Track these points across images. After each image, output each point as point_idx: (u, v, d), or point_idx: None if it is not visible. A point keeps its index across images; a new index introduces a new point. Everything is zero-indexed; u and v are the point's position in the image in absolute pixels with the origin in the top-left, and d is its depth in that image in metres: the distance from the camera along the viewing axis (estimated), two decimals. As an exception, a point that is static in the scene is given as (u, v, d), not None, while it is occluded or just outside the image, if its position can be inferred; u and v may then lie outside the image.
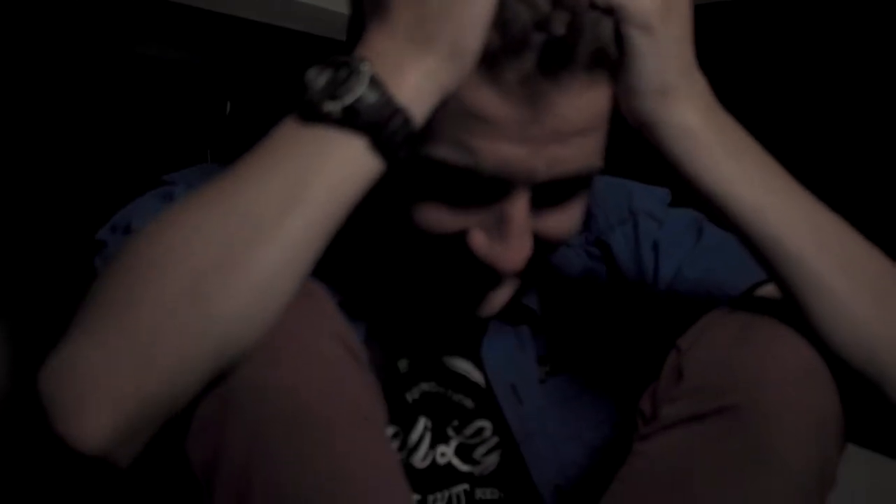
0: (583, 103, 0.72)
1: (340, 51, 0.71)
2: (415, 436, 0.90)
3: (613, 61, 0.72)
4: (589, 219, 0.95)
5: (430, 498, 0.90)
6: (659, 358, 0.81)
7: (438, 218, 0.77)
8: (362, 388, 0.71)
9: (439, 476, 0.90)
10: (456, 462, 0.91)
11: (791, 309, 0.75)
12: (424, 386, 0.91)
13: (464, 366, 0.92)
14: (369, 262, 0.87)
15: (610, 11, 0.70)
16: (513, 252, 0.76)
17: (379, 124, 0.66)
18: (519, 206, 0.75)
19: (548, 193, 0.76)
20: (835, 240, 0.74)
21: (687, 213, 0.95)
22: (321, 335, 0.70)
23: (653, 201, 0.97)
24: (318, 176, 0.66)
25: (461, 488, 0.91)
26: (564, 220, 0.80)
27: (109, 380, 0.63)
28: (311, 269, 0.67)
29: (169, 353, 0.63)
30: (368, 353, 0.81)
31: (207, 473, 0.68)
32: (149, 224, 0.68)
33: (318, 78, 0.67)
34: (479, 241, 0.77)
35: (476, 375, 0.92)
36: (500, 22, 0.68)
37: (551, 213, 0.78)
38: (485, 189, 0.75)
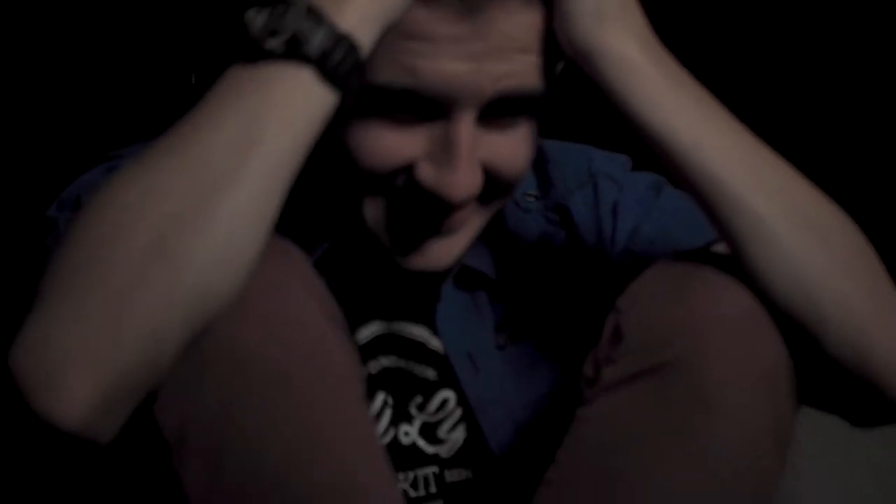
0: (522, 20, 0.72)
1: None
2: (372, 411, 0.87)
3: None
4: (547, 185, 0.94)
5: None
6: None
7: (383, 149, 0.75)
8: (340, 350, 0.70)
9: (402, 456, 0.88)
10: (421, 443, 0.89)
11: (731, 257, 0.73)
12: (384, 360, 0.89)
13: (421, 332, 0.90)
14: (320, 219, 0.86)
15: None
16: (461, 177, 0.74)
17: (323, 54, 0.66)
18: (464, 127, 0.74)
19: (493, 114, 0.75)
20: (775, 179, 0.73)
21: (647, 176, 0.94)
22: (297, 295, 0.68)
23: (613, 165, 0.95)
24: (270, 114, 0.65)
25: (429, 471, 0.89)
26: (513, 148, 0.78)
27: (84, 350, 0.61)
28: (278, 213, 0.66)
29: (141, 314, 0.62)
30: None
31: (178, 438, 0.66)
32: (101, 186, 0.66)
33: (257, 17, 0.67)
34: (426, 170, 0.76)
35: (434, 343, 0.90)
36: None
37: (498, 138, 0.77)
38: (428, 111, 0.74)
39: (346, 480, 0.66)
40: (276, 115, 0.65)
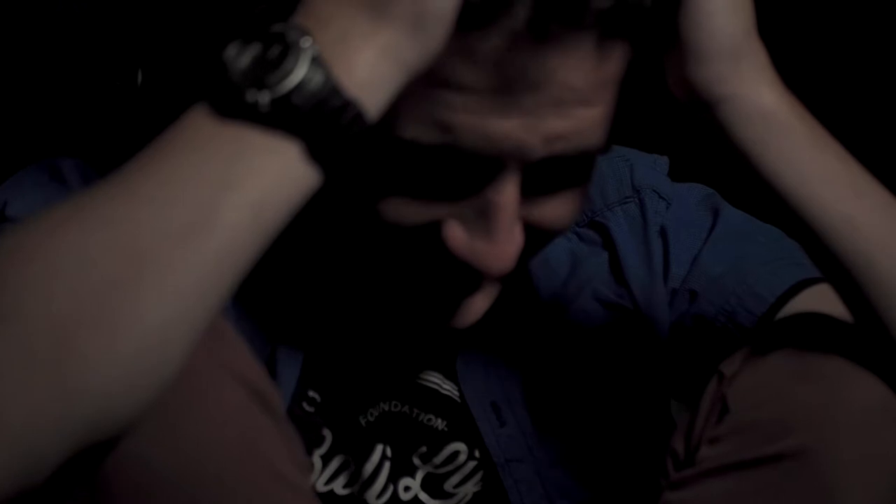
0: (592, 67, 0.59)
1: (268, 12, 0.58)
2: (369, 466, 0.78)
3: (644, 14, 0.59)
4: None
5: None
6: (679, 377, 0.72)
7: (406, 211, 0.64)
8: (281, 445, 0.59)
9: None
10: (424, 497, 0.79)
11: (864, 333, 0.65)
12: (384, 406, 0.78)
13: (432, 377, 0.79)
14: (314, 260, 0.74)
15: None
16: (500, 248, 0.63)
17: (320, 123, 0.52)
18: (508, 193, 0.62)
19: (542, 176, 0.63)
20: None
21: (695, 190, 0.83)
22: (224, 381, 0.57)
23: (657, 174, 0.84)
24: (233, 194, 0.51)
25: None
26: (561, 208, 0.66)
27: None
28: (217, 313, 0.53)
29: (17, 440, 0.48)
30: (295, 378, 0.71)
31: None
32: (7, 235, 0.52)
33: (242, 56, 0.53)
34: (457, 236, 0.63)
35: (448, 387, 0.79)
36: None
37: (546, 200, 0.65)
38: (466, 172, 0.62)
39: None
40: (240, 198, 0.51)
